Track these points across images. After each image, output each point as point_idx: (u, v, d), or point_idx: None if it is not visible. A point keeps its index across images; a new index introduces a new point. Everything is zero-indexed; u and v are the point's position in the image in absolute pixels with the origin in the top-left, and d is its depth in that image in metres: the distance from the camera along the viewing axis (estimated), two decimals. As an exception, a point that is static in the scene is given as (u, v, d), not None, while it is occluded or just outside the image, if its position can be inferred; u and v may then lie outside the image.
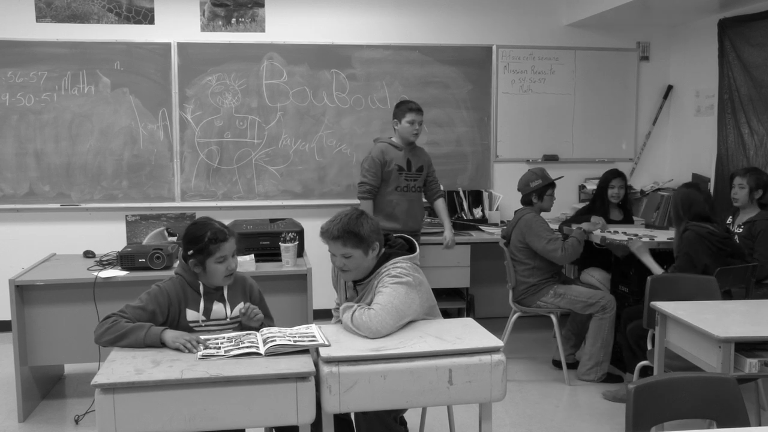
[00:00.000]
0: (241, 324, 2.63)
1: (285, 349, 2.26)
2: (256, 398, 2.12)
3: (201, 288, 2.55)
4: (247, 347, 2.28)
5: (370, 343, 2.34)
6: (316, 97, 5.21)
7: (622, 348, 3.76)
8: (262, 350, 2.26)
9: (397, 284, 2.50)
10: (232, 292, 2.63)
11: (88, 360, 3.52)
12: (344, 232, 2.52)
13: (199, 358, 2.23)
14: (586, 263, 4.59)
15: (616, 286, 4.34)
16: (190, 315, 2.54)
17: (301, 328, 2.47)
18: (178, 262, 2.69)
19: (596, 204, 4.78)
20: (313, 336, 2.37)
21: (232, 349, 2.28)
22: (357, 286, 2.67)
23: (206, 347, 2.31)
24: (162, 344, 2.34)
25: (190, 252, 2.52)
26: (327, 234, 2.56)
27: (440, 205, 4.57)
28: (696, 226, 3.50)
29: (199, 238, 2.50)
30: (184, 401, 2.08)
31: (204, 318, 2.55)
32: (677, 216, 3.63)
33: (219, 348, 2.30)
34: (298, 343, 2.29)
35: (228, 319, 2.60)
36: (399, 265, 2.57)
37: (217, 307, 2.58)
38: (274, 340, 2.29)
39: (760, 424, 3.12)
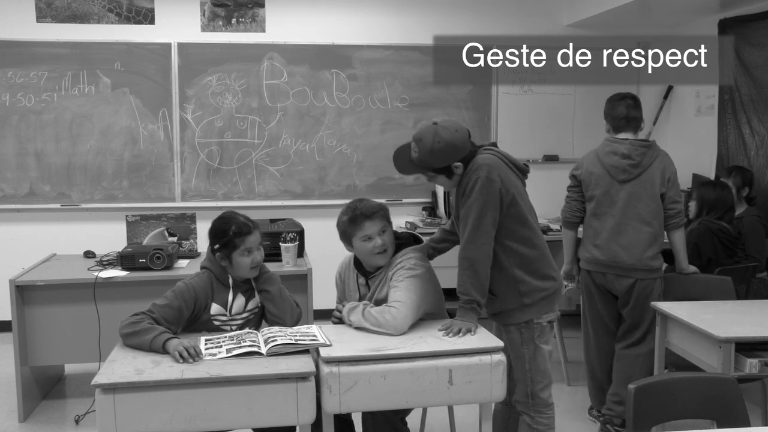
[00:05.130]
0: (255, 316, 2.65)
1: (287, 348, 2.26)
2: (256, 398, 2.12)
3: (230, 281, 2.58)
4: (249, 346, 2.28)
5: (370, 343, 2.34)
6: (316, 98, 5.21)
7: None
8: (263, 350, 2.26)
9: (411, 278, 2.52)
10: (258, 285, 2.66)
11: (88, 360, 3.53)
12: (379, 207, 2.61)
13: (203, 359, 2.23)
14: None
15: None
16: (214, 309, 2.56)
17: (302, 328, 2.48)
18: (204, 256, 2.69)
19: None
20: (314, 336, 2.37)
21: (234, 348, 2.28)
22: (369, 281, 2.67)
23: (206, 349, 2.31)
24: (165, 352, 2.30)
25: (217, 246, 2.56)
26: (366, 212, 2.56)
27: None
28: (708, 221, 3.51)
29: (225, 232, 2.55)
30: (184, 401, 2.09)
31: (226, 313, 2.57)
32: (699, 211, 3.63)
33: (221, 346, 2.31)
34: (299, 343, 2.29)
35: (246, 312, 2.62)
36: (411, 256, 2.60)
37: (239, 301, 2.60)
38: (276, 340, 2.29)
39: (766, 424, 3.11)
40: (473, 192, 2.41)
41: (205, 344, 2.34)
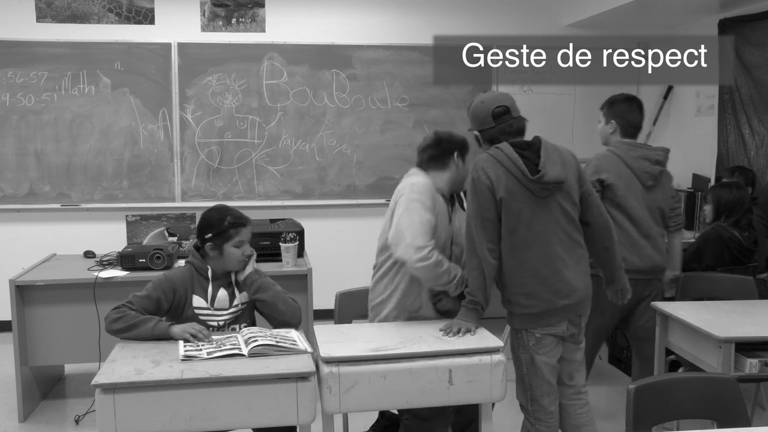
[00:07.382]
0: (244, 313, 2.63)
1: (269, 350, 2.25)
2: (256, 398, 2.12)
3: (209, 273, 2.57)
4: (229, 349, 2.27)
5: (370, 343, 2.34)
6: (316, 98, 5.21)
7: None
8: (244, 351, 2.25)
9: None
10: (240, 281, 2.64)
11: (88, 360, 3.53)
12: None
13: (181, 360, 2.20)
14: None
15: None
16: (196, 301, 2.56)
17: (281, 332, 2.45)
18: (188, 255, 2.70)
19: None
20: (294, 341, 2.35)
21: (213, 352, 2.25)
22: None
23: (185, 351, 2.29)
24: (169, 337, 2.38)
25: (209, 236, 2.55)
26: None
27: None
28: (722, 227, 3.47)
29: (221, 221, 2.56)
30: (184, 401, 2.08)
31: (209, 306, 2.56)
32: (717, 215, 3.59)
33: (201, 350, 2.28)
34: (281, 345, 2.27)
35: (233, 308, 2.60)
36: None
37: (222, 295, 2.58)
38: (256, 341, 2.28)
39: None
40: (469, 192, 2.47)
41: (184, 347, 2.31)
